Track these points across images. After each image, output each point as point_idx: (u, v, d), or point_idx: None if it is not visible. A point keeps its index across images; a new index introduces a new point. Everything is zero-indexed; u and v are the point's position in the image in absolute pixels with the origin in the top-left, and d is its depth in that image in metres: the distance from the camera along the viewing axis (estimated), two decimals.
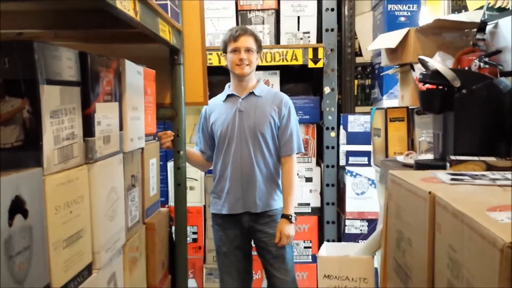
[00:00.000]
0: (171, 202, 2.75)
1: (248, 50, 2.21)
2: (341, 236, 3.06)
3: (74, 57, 0.93)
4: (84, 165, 0.96)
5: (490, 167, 1.06)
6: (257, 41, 2.26)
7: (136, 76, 1.31)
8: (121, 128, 1.17)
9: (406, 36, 1.89)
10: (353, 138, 3.02)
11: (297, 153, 2.33)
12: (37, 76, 0.78)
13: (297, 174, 2.65)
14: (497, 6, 1.81)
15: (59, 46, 0.86)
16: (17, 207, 0.69)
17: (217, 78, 3.18)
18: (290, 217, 2.23)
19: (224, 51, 2.28)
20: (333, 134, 2.99)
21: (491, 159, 1.08)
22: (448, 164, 1.13)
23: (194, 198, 2.99)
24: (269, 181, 2.27)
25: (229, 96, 2.30)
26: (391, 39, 1.99)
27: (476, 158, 1.10)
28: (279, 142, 2.27)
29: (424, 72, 1.40)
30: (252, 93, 2.26)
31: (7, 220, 0.66)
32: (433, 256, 0.77)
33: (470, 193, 0.80)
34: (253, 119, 2.22)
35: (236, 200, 2.26)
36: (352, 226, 3.02)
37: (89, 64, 0.97)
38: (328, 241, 2.94)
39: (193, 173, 2.95)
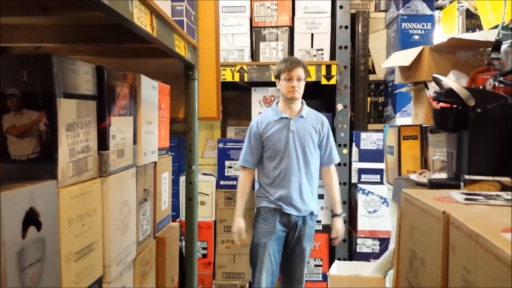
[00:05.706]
0: (182, 217, 2.75)
1: (298, 79, 2.58)
2: (352, 255, 3.03)
3: (91, 71, 0.94)
4: (98, 178, 0.96)
5: (504, 187, 1.05)
6: (306, 70, 2.65)
7: (151, 90, 1.32)
8: (135, 142, 1.18)
9: (420, 54, 1.89)
10: (365, 155, 3.01)
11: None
12: (54, 90, 0.79)
13: None
14: None
15: (76, 60, 0.87)
16: (31, 219, 0.69)
17: (230, 93, 3.20)
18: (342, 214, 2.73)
19: (278, 77, 2.65)
20: (345, 151, 2.99)
21: (506, 179, 1.07)
22: (462, 184, 1.12)
23: (205, 213, 2.99)
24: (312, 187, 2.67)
25: (281, 118, 2.64)
26: (405, 57, 1.99)
27: (490, 178, 1.09)
28: (322, 156, 2.68)
29: (438, 91, 1.40)
30: (301, 116, 2.62)
31: (21, 232, 0.67)
32: (446, 277, 0.76)
33: (484, 213, 0.79)
34: (302, 139, 2.60)
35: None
36: (364, 245, 2.99)
37: (105, 78, 0.98)
38: (339, 259, 2.91)
39: (205, 188, 2.96)
